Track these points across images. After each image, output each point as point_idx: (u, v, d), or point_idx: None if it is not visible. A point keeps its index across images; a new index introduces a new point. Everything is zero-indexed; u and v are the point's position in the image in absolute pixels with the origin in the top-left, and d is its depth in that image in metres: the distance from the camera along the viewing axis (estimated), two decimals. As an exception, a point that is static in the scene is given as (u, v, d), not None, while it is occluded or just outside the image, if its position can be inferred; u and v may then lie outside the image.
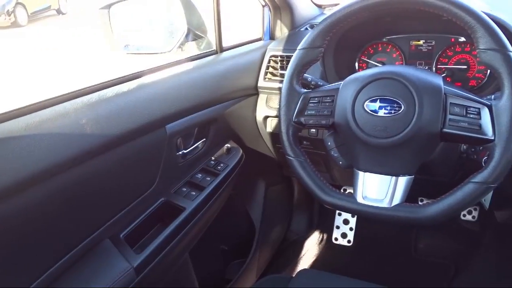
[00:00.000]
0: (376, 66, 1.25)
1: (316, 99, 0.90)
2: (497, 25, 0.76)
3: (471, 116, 0.76)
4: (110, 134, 0.84)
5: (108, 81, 0.95)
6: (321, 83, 1.01)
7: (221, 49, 1.30)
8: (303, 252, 1.84)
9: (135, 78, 1.00)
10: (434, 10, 0.79)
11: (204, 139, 1.20)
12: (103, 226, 0.90)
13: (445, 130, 0.77)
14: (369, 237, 1.85)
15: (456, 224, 1.75)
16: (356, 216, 1.82)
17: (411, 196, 0.85)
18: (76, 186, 0.80)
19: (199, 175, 1.16)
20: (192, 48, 1.45)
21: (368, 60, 1.29)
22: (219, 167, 1.20)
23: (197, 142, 1.17)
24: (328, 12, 1.58)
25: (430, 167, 0.97)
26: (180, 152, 1.10)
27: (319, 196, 0.88)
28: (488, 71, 1.15)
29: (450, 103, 0.78)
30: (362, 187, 0.85)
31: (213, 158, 1.23)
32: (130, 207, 0.96)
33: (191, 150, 1.15)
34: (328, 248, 1.85)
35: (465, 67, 1.17)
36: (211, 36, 1.32)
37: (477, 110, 0.76)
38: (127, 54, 1.26)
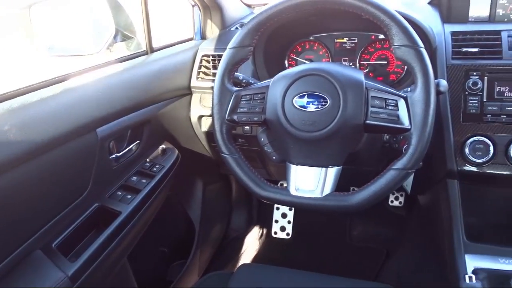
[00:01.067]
0: (305, 63, 1.29)
1: (248, 96, 0.93)
2: (410, 23, 0.83)
3: (390, 108, 0.82)
4: (36, 141, 0.81)
5: (31, 85, 0.91)
6: (252, 81, 1.04)
7: (152, 50, 1.29)
8: (244, 248, 1.87)
9: (61, 81, 0.96)
10: (353, 10, 0.84)
11: (138, 141, 1.18)
12: (32, 236, 0.86)
13: (367, 121, 0.83)
14: (306, 228, 1.91)
15: (386, 210, 1.86)
16: (293, 209, 1.88)
17: (343, 186, 0.90)
18: (1, 196, 0.76)
19: (134, 178, 1.14)
20: (121, 49, 1.42)
21: (297, 58, 1.34)
22: (154, 169, 1.19)
23: (130, 145, 1.15)
24: (257, 11, 1.61)
25: (357, 157, 1.03)
26: (113, 156, 1.08)
27: (254, 191, 0.91)
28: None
29: (371, 96, 0.83)
30: (295, 179, 0.89)
31: (148, 160, 1.21)
32: (62, 214, 0.93)
33: (124, 153, 1.12)
34: (268, 242, 1.89)
35: (385, 62, 1.25)
36: (141, 37, 1.30)
37: (395, 102, 0.82)
38: (52, 56, 1.20)
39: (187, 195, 1.66)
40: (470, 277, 0.92)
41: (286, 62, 1.35)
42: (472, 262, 1.03)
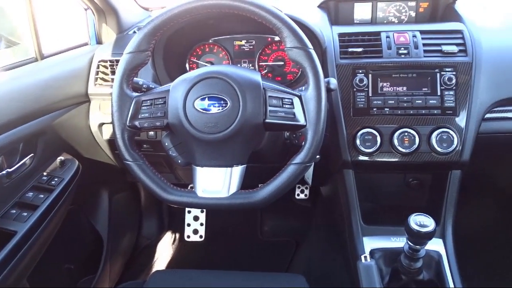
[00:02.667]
0: (205, 66, 1.31)
1: (149, 102, 0.92)
2: (301, 26, 0.88)
3: (286, 106, 0.87)
4: None
5: None
6: (153, 86, 1.03)
7: (42, 56, 1.21)
8: (157, 255, 1.83)
9: None
10: (247, 14, 0.88)
11: (32, 154, 1.11)
12: None
13: (267, 120, 0.86)
14: (219, 229, 1.94)
15: (293, 203, 1.95)
16: (205, 211, 1.89)
17: (251, 183, 0.93)
18: None
19: (30, 194, 1.07)
20: (7, 57, 1.31)
21: (198, 61, 1.35)
22: (53, 182, 1.12)
23: (23, 159, 1.07)
24: (154, 14, 1.59)
25: (261, 155, 1.07)
26: (4, 172, 1.00)
27: (161, 196, 0.90)
28: None
29: (269, 96, 0.87)
30: (201, 181, 0.90)
31: (45, 173, 1.14)
32: None
33: (17, 168, 1.04)
34: (182, 247, 1.88)
35: (282, 63, 1.31)
36: (29, 43, 1.22)
37: (290, 100, 0.87)
38: None
39: (92, 207, 1.59)
40: (365, 257, 1.00)
41: (187, 65, 1.36)
42: (369, 244, 1.13)
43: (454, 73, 1.12)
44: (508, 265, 1.69)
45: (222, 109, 0.86)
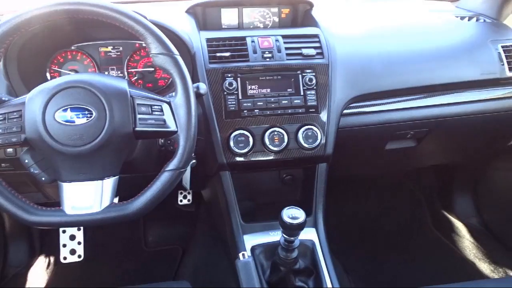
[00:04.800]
0: (69, 74, 1.23)
1: (1, 116, 0.83)
2: (167, 32, 0.88)
3: (156, 113, 0.86)
4: None
5: None
6: (7, 98, 0.93)
7: None
8: (28, 284, 1.67)
9: None
10: (108, 20, 0.85)
11: None
12: None
13: (137, 129, 0.84)
14: (100, 246, 1.83)
15: (176, 210, 1.93)
16: (82, 228, 1.77)
17: (128, 194, 0.90)
18: None
19: None
20: None
21: (60, 70, 1.26)
22: None
23: None
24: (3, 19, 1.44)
25: (136, 164, 1.04)
26: None
27: (22, 218, 0.82)
28: None
29: (137, 104, 0.85)
30: (70, 198, 0.84)
31: None
32: None
33: None
34: (58, 270, 1.74)
35: (152, 69, 1.29)
36: None
37: (160, 107, 0.86)
38: None
39: None
40: (243, 255, 1.04)
41: (48, 74, 1.25)
42: (250, 241, 1.18)
43: (313, 74, 1.22)
44: (381, 248, 1.90)
45: (87, 120, 0.81)
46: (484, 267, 1.77)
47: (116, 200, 0.89)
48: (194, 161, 1.10)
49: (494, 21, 1.59)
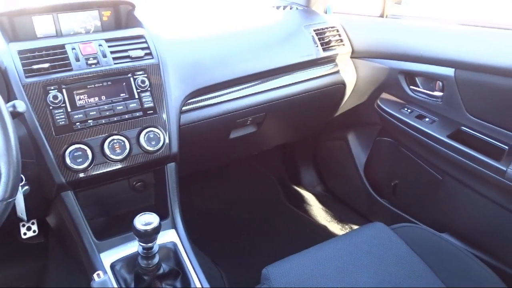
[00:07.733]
0: None
1: None
2: None
3: None
4: None
5: None
6: None
7: None
8: None
9: None
10: None
11: None
12: None
13: None
14: None
15: (23, 245, 1.71)
16: None
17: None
18: None
19: None
20: None
21: None
22: None
23: None
24: None
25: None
26: None
27: None
28: None
29: None
30: None
31: None
32: None
33: None
34: None
35: None
36: None
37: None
38: None
39: None
40: (98, 275, 0.97)
41: None
42: (108, 258, 1.11)
43: (145, 75, 1.19)
44: (243, 231, 1.98)
45: None
46: (334, 227, 1.99)
47: None
48: (26, 187, 0.99)
49: (305, 8, 1.78)
